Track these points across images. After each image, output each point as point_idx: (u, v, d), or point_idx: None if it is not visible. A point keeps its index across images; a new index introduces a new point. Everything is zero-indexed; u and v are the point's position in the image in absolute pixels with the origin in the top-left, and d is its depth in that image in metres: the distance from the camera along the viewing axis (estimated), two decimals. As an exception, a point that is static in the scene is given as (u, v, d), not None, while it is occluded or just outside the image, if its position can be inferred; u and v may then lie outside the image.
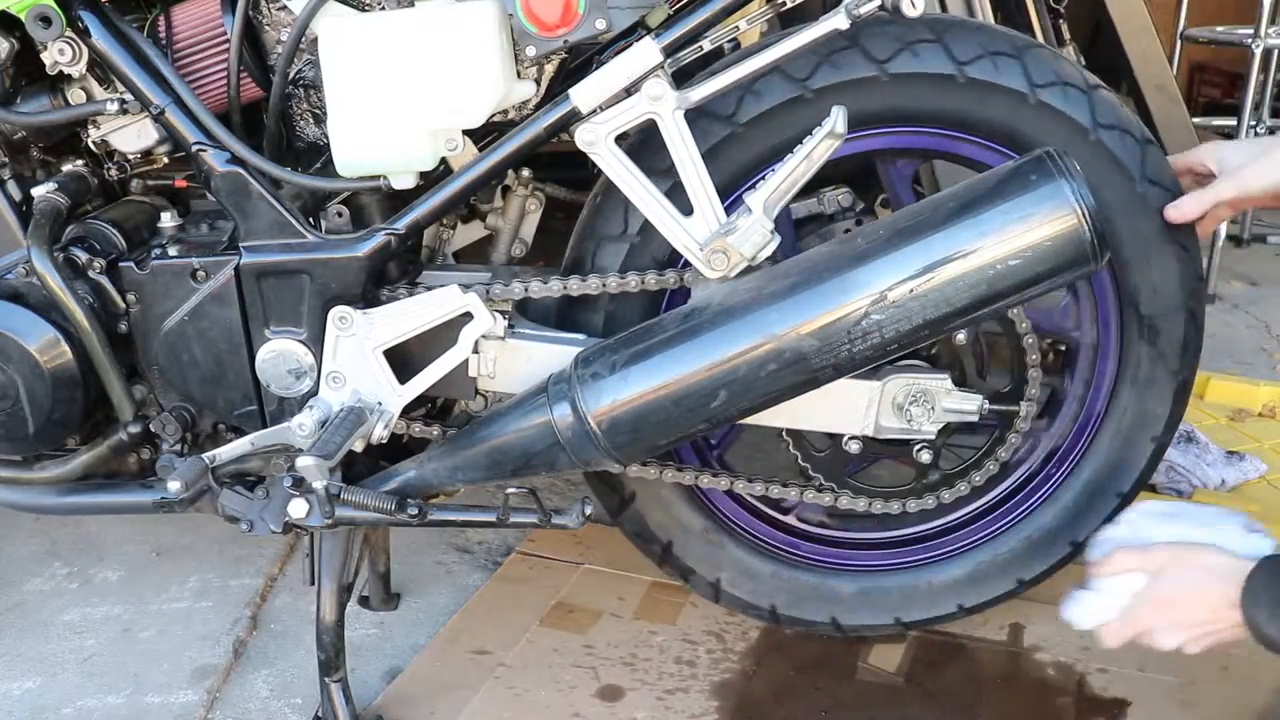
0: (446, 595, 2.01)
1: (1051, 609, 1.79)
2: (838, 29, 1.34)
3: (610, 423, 1.38)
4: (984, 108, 1.45)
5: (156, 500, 1.58)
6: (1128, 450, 1.61)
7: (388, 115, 1.39)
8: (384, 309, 1.47)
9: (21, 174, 1.58)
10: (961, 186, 1.34)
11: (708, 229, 1.40)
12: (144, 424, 1.56)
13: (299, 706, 1.76)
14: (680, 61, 1.39)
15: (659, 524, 1.68)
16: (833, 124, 1.31)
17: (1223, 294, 3.40)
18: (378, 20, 1.40)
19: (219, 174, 1.45)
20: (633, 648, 1.82)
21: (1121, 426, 1.60)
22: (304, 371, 1.50)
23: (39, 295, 1.49)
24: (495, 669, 1.78)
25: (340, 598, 1.61)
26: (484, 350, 1.49)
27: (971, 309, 1.30)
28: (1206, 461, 2.20)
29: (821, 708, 1.66)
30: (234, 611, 1.99)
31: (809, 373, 1.34)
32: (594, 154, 1.40)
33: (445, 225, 1.71)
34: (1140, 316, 1.54)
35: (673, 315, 1.41)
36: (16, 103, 1.51)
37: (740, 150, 1.46)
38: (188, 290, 1.50)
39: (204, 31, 1.50)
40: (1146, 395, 1.58)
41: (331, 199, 1.51)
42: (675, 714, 1.68)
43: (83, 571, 2.12)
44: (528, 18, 1.36)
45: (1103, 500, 1.63)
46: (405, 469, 1.51)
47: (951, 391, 1.50)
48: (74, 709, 1.78)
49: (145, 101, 1.46)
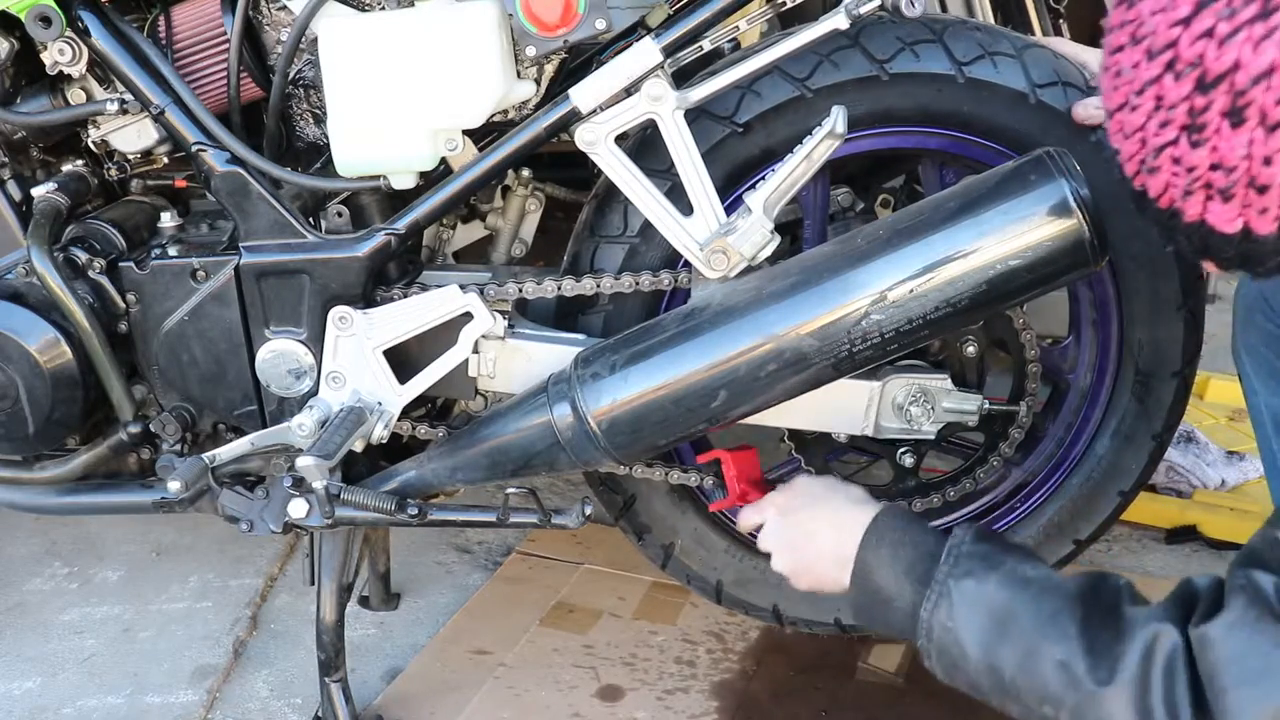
0: (446, 595, 2.01)
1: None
2: (838, 29, 1.34)
3: (610, 423, 1.38)
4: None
5: (156, 500, 1.58)
6: (1095, 498, 1.60)
7: (387, 115, 1.39)
8: (384, 309, 1.47)
9: (21, 174, 1.58)
10: (961, 186, 1.34)
11: (708, 229, 1.40)
12: (144, 424, 1.56)
13: (299, 706, 1.76)
14: (680, 61, 1.39)
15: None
16: (833, 124, 1.31)
17: (1223, 294, 3.40)
18: (378, 20, 1.40)
19: (219, 174, 1.45)
20: (633, 648, 1.82)
21: (1094, 474, 1.59)
22: (304, 371, 1.50)
23: (39, 295, 1.49)
24: (495, 669, 1.78)
25: (340, 598, 1.61)
26: (484, 350, 1.49)
27: (972, 309, 1.30)
28: (1206, 461, 2.20)
29: (821, 708, 1.66)
30: (234, 611, 1.99)
31: (809, 373, 1.34)
32: (594, 154, 1.40)
33: (445, 225, 1.71)
34: (1138, 370, 1.53)
35: (673, 315, 1.41)
36: (16, 103, 1.51)
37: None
38: (188, 290, 1.49)
39: (204, 31, 1.50)
40: (1125, 450, 1.57)
41: (331, 199, 1.51)
42: (675, 714, 1.68)
43: (83, 571, 2.12)
44: (528, 18, 1.36)
45: (1059, 542, 1.62)
46: (405, 469, 1.51)
47: (951, 391, 1.50)
48: (74, 709, 1.78)
49: (145, 101, 1.46)
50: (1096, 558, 2.00)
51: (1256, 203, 0.84)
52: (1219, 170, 0.84)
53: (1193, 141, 0.84)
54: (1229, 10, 0.81)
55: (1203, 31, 0.82)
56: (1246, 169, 0.83)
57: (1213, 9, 0.81)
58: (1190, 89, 0.83)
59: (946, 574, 1.10)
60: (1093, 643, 0.99)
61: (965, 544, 1.12)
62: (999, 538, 1.15)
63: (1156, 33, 0.85)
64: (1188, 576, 1.02)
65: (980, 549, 1.11)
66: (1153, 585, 1.92)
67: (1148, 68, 0.86)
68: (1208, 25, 0.82)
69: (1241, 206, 0.85)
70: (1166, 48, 0.84)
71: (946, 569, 1.10)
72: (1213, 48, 0.81)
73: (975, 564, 1.10)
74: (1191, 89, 0.83)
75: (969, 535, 1.14)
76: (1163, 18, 0.84)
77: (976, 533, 1.14)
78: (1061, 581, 1.06)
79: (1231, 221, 0.86)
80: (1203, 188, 0.85)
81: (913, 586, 1.13)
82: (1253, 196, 0.84)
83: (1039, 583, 1.06)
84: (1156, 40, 0.85)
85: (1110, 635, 0.98)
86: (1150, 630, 0.97)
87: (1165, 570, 2.00)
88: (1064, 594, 1.03)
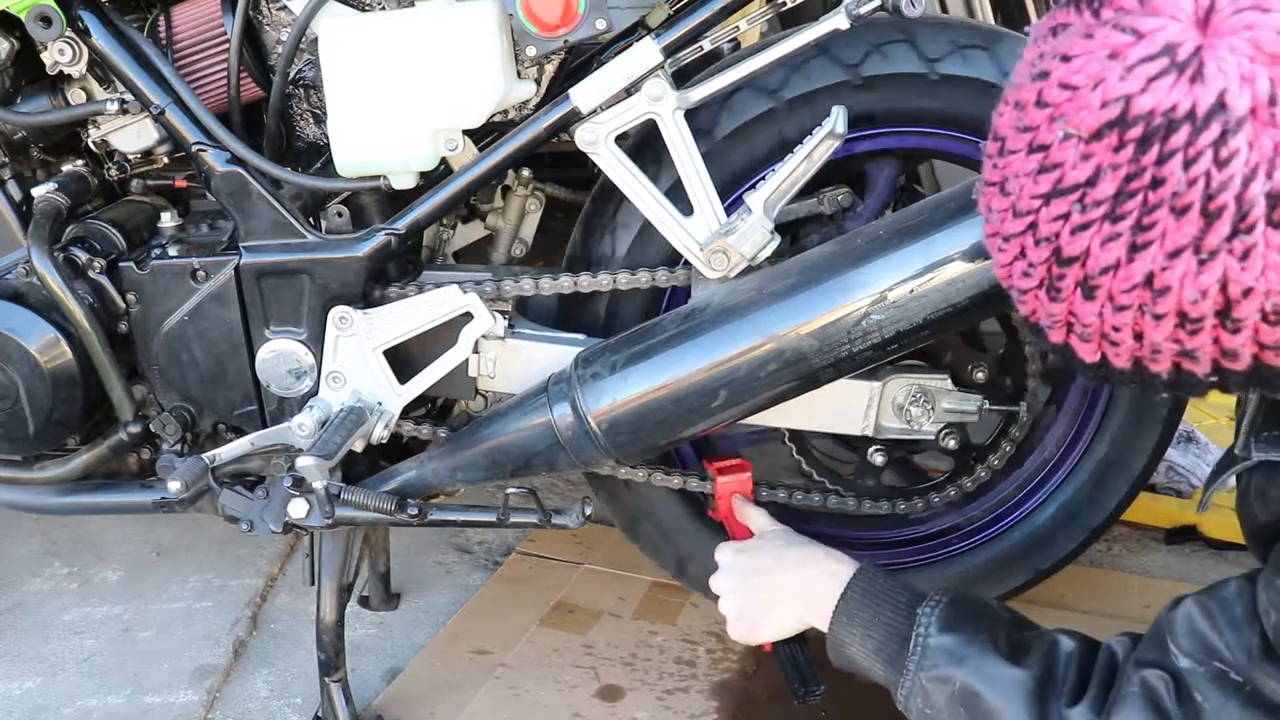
0: (446, 595, 2.01)
1: (1048, 611, 1.80)
2: (838, 29, 1.34)
3: (610, 423, 1.38)
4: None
5: (156, 500, 1.58)
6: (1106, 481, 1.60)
7: (388, 115, 1.39)
8: (384, 309, 1.47)
9: (21, 174, 1.58)
10: (962, 186, 1.34)
11: (708, 229, 1.40)
12: (144, 424, 1.56)
13: (299, 706, 1.76)
14: (680, 61, 1.39)
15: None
16: (833, 124, 1.31)
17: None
18: (378, 20, 1.40)
19: (219, 174, 1.45)
20: (633, 648, 1.82)
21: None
22: (304, 371, 1.50)
23: (39, 295, 1.49)
24: (495, 669, 1.78)
25: (340, 598, 1.61)
26: (484, 350, 1.49)
27: (972, 309, 1.30)
28: (1206, 461, 2.20)
29: (821, 708, 1.66)
30: (234, 611, 1.99)
31: (809, 373, 1.34)
32: (594, 154, 1.40)
33: (445, 225, 1.71)
34: None
35: (673, 315, 1.41)
36: (16, 103, 1.51)
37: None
38: (188, 290, 1.49)
39: (204, 32, 1.50)
40: (1139, 426, 1.57)
41: (331, 199, 1.51)
42: (675, 714, 1.68)
43: (83, 571, 2.12)
44: (528, 18, 1.36)
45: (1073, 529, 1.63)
46: (405, 469, 1.51)
47: (951, 391, 1.50)
48: (74, 709, 1.78)
49: (145, 101, 1.46)
50: (1097, 558, 2.00)
51: (1110, 350, 0.87)
52: (1076, 320, 0.87)
53: (1051, 297, 0.87)
54: (1079, 205, 0.82)
55: (1058, 215, 0.84)
56: (1099, 327, 0.86)
57: (1067, 198, 0.83)
58: (1048, 255, 0.86)
59: (915, 668, 1.12)
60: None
61: (931, 634, 1.13)
62: (959, 619, 1.14)
63: (1020, 196, 0.86)
64: (1109, 643, 1.06)
65: (945, 641, 1.12)
66: (1153, 585, 1.93)
67: (1013, 223, 0.88)
68: (1062, 210, 0.84)
69: (1099, 347, 0.88)
70: (1028, 213, 0.86)
71: (915, 661, 1.12)
72: (1066, 231, 0.84)
73: (940, 659, 1.11)
74: (1049, 256, 0.86)
75: (932, 624, 1.14)
76: (1026, 186, 0.86)
77: (940, 618, 1.14)
78: (1019, 678, 1.07)
79: (1091, 354, 0.89)
80: (1063, 326, 0.89)
81: (884, 667, 1.16)
82: (1106, 345, 0.87)
83: (997, 680, 1.07)
84: (1020, 204, 0.87)
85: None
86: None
87: (1165, 570, 2.00)
88: (1023, 691, 1.06)
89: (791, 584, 1.27)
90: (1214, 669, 0.95)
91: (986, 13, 2.18)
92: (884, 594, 1.20)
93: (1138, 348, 0.85)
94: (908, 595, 1.18)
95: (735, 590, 1.32)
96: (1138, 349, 0.85)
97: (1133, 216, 0.80)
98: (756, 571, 1.31)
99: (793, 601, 1.26)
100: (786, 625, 1.28)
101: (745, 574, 1.32)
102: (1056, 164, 0.83)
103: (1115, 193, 0.81)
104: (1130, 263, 0.81)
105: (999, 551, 1.65)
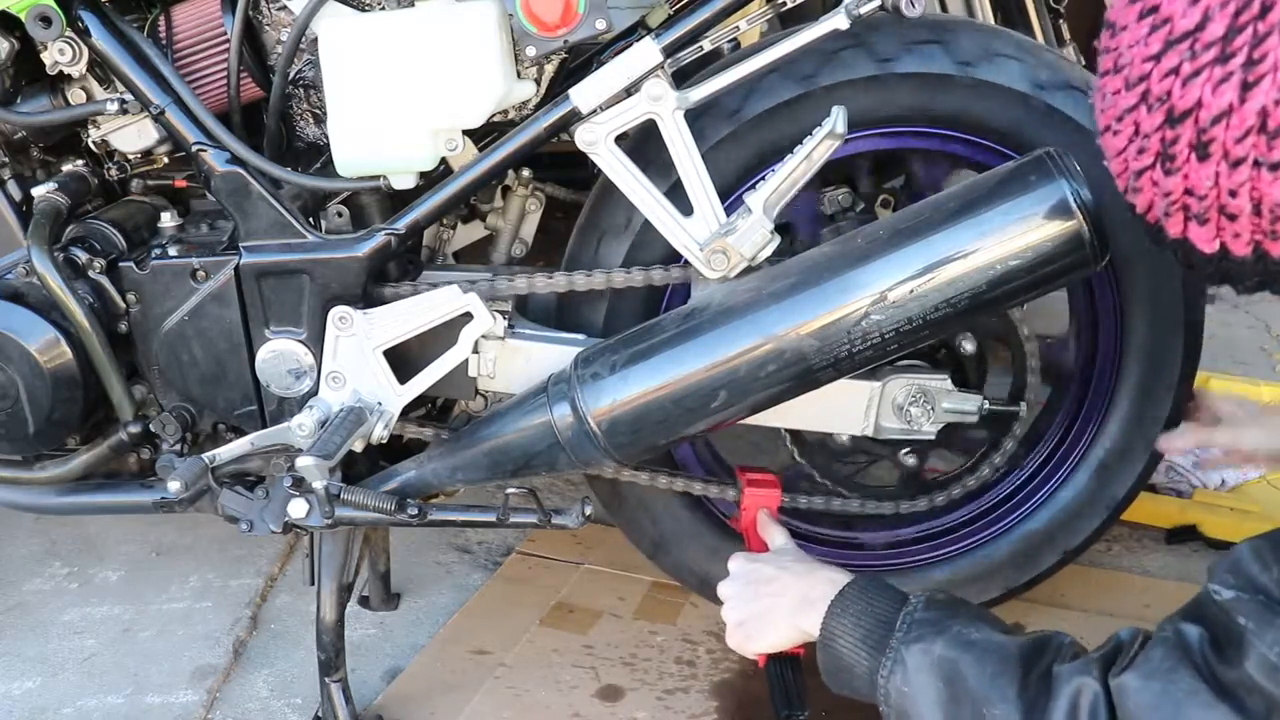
0: (446, 595, 2.01)
1: (1048, 611, 1.80)
2: (838, 29, 1.34)
3: (610, 423, 1.38)
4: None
5: (156, 500, 1.58)
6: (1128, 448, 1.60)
7: (388, 115, 1.39)
8: (384, 309, 1.47)
9: (21, 174, 1.58)
10: (962, 187, 1.34)
11: (708, 229, 1.40)
12: (144, 424, 1.56)
13: (299, 706, 1.76)
14: (680, 61, 1.39)
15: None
16: (833, 124, 1.31)
17: (1223, 294, 3.40)
18: (378, 20, 1.40)
19: (219, 174, 1.45)
20: (633, 648, 1.82)
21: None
22: (304, 371, 1.50)
23: (39, 295, 1.49)
24: (495, 669, 1.78)
25: (340, 598, 1.61)
26: (484, 350, 1.49)
27: (971, 310, 1.30)
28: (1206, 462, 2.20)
29: (821, 708, 1.66)
30: (234, 611, 1.99)
31: (809, 373, 1.34)
32: (594, 154, 1.40)
33: (445, 225, 1.71)
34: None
35: (672, 315, 1.41)
36: (16, 103, 1.51)
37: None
38: (188, 290, 1.49)
39: (204, 31, 1.50)
40: (1145, 404, 1.58)
41: (331, 199, 1.51)
42: (675, 714, 1.68)
43: (83, 571, 2.12)
44: (528, 18, 1.36)
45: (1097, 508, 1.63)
46: (405, 469, 1.51)
47: (951, 392, 1.50)
48: (74, 709, 1.78)
49: (145, 101, 1.46)
50: (1097, 558, 2.00)
51: (1229, 228, 0.87)
52: (1192, 196, 0.88)
53: (1166, 169, 0.88)
54: (1190, 52, 0.84)
55: (1170, 69, 0.86)
56: (1215, 197, 0.86)
57: (1178, 49, 0.85)
58: (1161, 121, 0.87)
59: (900, 641, 1.12)
60: (1028, 703, 1.01)
61: (917, 610, 1.14)
62: (951, 602, 1.15)
63: (1132, 65, 0.89)
64: (1116, 631, 1.04)
65: (930, 615, 1.13)
66: (1153, 585, 1.93)
67: (1126, 97, 0.90)
68: (1174, 64, 0.85)
69: (1216, 230, 0.88)
70: (1140, 80, 0.88)
71: (900, 635, 1.13)
72: (1178, 85, 0.85)
73: (925, 629, 1.11)
74: (1162, 121, 0.87)
75: (920, 602, 1.15)
76: (1138, 51, 0.88)
77: (929, 599, 1.16)
78: (1004, 642, 1.07)
79: (1209, 242, 0.89)
80: (1180, 210, 0.89)
81: (869, 654, 1.15)
82: (1224, 222, 0.87)
83: (982, 645, 1.07)
84: (1132, 72, 0.89)
85: (1043, 694, 1.01)
86: (1075, 684, 0.99)
87: (1165, 570, 2.00)
88: (1005, 655, 1.05)
89: (792, 590, 1.27)
90: (1258, 600, 0.93)
91: (986, 13, 2.17)
92: (881, 590, 1.20)
93: (1256, 223, 0.86)
94: (904, 593, 1.19)
95: (739, 596, 1.33)
96: (1256, 224, 0.86)
97: (1243, 53, 0.82)
98: (761, 580, 1.32)
99: (792, 608, 1.26)
100: (783, 635, 1.28)
101: (750, 581, 1.33)
102: (1166, 18, 0.86)
103: (1224, 32, 0.82)
104: (1243, 104, 0.82)
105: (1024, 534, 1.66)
